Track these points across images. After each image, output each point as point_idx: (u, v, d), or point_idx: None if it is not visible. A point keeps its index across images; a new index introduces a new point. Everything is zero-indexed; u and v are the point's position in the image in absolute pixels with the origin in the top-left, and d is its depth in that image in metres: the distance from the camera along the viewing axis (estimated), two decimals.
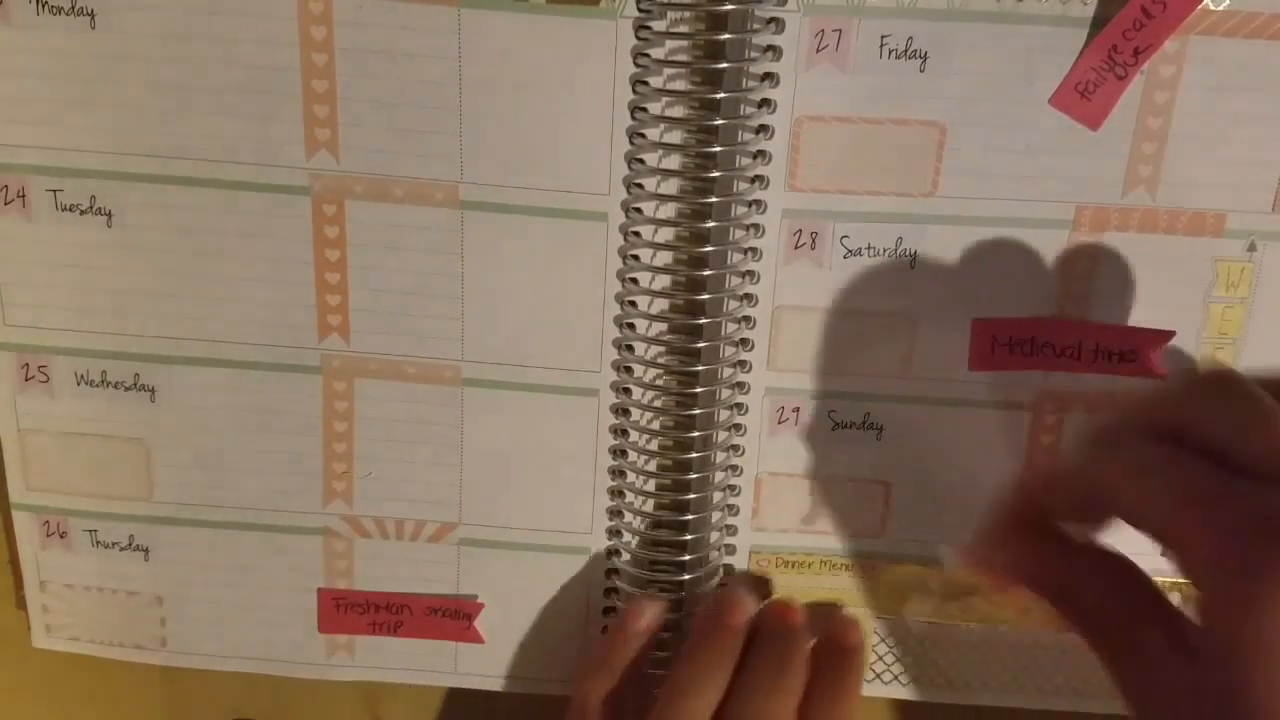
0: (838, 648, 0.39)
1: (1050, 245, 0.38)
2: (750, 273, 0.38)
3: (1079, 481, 0.31)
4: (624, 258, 0.38)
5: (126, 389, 0.41)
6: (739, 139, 0.36)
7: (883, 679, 0.43)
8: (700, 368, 0.39)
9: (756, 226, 0.37)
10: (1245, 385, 0.30)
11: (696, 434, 0.39)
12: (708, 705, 0.38)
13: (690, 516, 0.40)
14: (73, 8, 0.36)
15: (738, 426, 0.40)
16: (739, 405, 0.40)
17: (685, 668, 0.38)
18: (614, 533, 0.42)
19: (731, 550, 0.42)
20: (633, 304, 0.39)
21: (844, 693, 0.39)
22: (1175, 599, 0.31)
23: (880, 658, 0.43)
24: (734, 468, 0.40)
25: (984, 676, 0.43)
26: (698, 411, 0.39)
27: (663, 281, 0.38)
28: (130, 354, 0.40)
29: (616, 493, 0.41)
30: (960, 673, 0.43)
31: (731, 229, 0.37)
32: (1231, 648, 0.28)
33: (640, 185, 0.37)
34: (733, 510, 0.41)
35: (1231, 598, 0.28)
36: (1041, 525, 0.32)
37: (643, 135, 0.37)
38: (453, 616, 0.43)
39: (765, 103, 0.36)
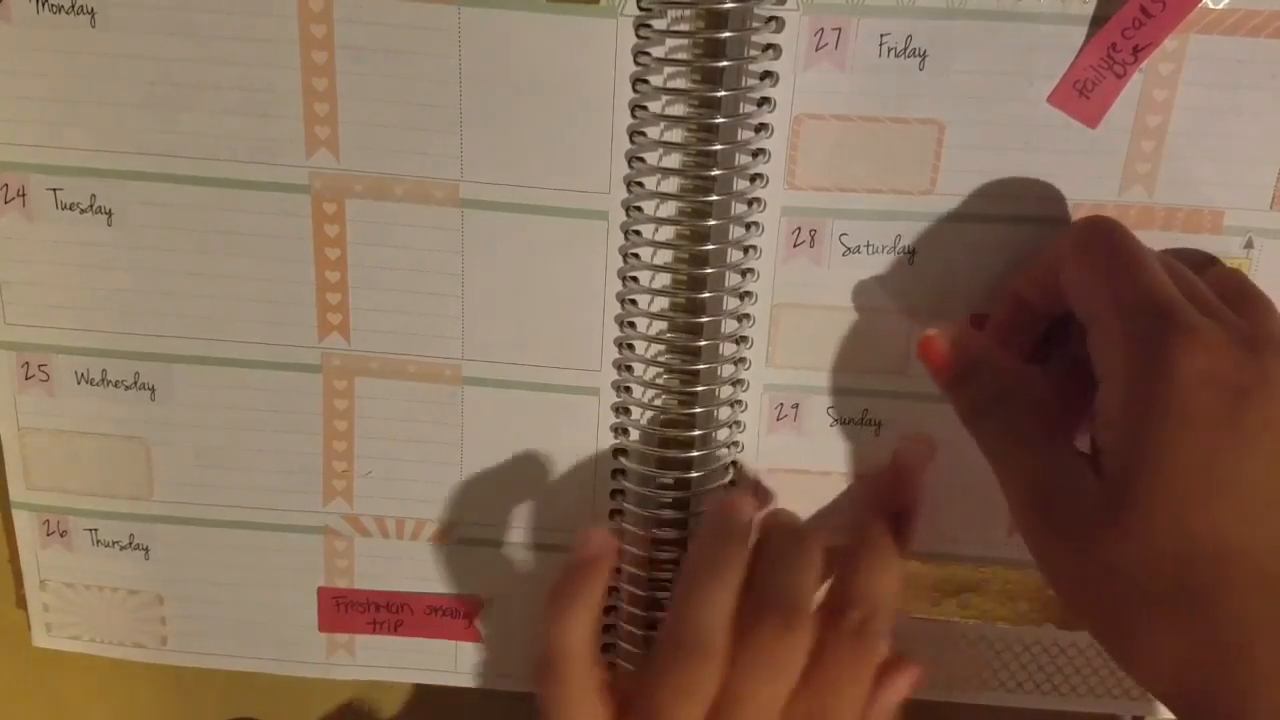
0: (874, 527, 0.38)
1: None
2: (750, 270, 0.38)
3: (1043, 260, 0.35)
4: (624, 256, 0.38)
5: (127, 388, 0.41)
6: (739, 137, 0.36)
7: None
8: (701, 366, 0.39)
9: (756, 224, 0.38)
10: (1118, 238, 0.33)
11: (697, 432, 0.39)
12: (730, 592, 0.35)
13: (691, 514, 0.40)
14: (73, 6, 0.36)
15: (737, 423, 0.40)
16: (739, 402, 0.40)
17: (696, 562, 0.36)
18: (615, 532, 0.42)
19: None
20: (633, 302, 0.39)
21: (883, 569, 0.37)
22: None
23: None
24: (734, 464, 0.41)
25: (982, 674, 0.43)
26: (698, 410, 0.39)
27: (663, 280, 0.38)
28: (130, 352, 0.40)
29: (618, 491, 0.41)
30: (958, 670, 0.43)
31: (731, 227, 0.37)
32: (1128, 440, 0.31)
33: (640, 183, 0.37)
34: None
35: (1132, 376, 0.31)
36: (1006, 339, 0.37)
37: (643, 133, 0.37)
38: (453, 615, 0.43)
39: (765, 101, 0.36)
